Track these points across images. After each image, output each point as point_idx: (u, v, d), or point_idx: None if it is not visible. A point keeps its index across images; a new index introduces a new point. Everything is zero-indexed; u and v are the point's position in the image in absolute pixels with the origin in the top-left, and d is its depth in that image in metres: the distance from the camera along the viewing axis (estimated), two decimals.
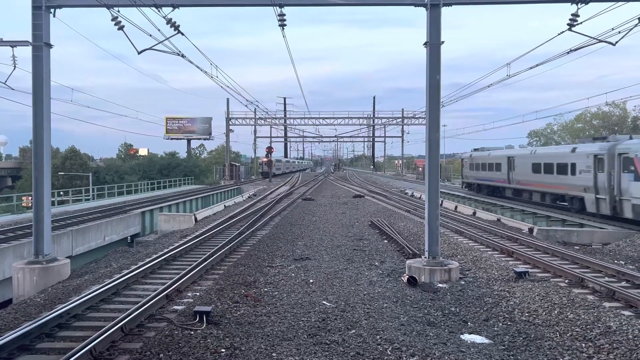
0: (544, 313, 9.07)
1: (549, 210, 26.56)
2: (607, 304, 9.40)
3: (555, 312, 9.04)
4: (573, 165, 24.75)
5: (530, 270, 12.15)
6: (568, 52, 13.67)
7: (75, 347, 6.81)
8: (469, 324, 8.83)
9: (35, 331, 7.63)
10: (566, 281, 11.26)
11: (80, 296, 9.59)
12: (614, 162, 21.39)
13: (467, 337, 8.11)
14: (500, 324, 8.78)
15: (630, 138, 22.95)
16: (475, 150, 40.97)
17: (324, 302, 9.74)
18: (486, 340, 7.97)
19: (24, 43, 13.35)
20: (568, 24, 12.04)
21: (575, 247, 17.99)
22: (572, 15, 11.91)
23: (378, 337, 7.79)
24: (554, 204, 27.71)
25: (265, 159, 73.67)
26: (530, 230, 19.90)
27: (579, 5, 11.79)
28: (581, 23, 11.97)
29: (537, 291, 10.28)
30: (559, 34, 12.69)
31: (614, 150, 21.68)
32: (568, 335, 8.03)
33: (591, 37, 12.43)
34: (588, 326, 8.23)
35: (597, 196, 22.66)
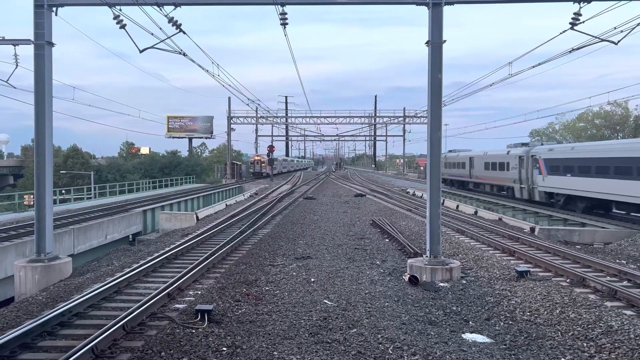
0: (546, 312, 9.06)
1: (551, 210, 26.67)
2: (608, 304, 9.39)
3: (557, 311, 9.03)
4: (508, 164, 33.49)
5: (531, 269, 12.14)
6: (570, 51, 13.64)
7: (77, 346, 6.81)
8: (470, 323, 8.83)
9: (37, 329, 7.65)
10: (568, 280, 11.25)
11: (81, 294, 9.61)
12: (529, 161, 30.32)
13: (468, 336, 8.11)
14: (502, 323, 8.78)
15: (542, 144, 33.73)
16: (450, 152, 48.72)
17: (325, 300, 9.74)
18: (487, 340, 7.97)
19: (25, 42, 13.35)
20: (570, 23, 12.01)
21: (577, 246, 17.97)
22: (575, 14, 11.88)
23: (379, 336, 7.79)
24: (498, 193, 36.64)
25: (256, 157, 71.70)
26: (532, 229, 19.88)
27: (581, 4, 11.76)
28: (583, 22, 11.95)
29: (538, 290, 10.27)
30: (561, 33, 12.67)
31: (529, 153, 30.49)
32: (569, 334, 8.02)
33: (593, 36, 12.40)
34: (590, 326, 8.22)
35: (521, 186, 31.51)
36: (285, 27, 12.87)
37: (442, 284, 11.35)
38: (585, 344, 7.62)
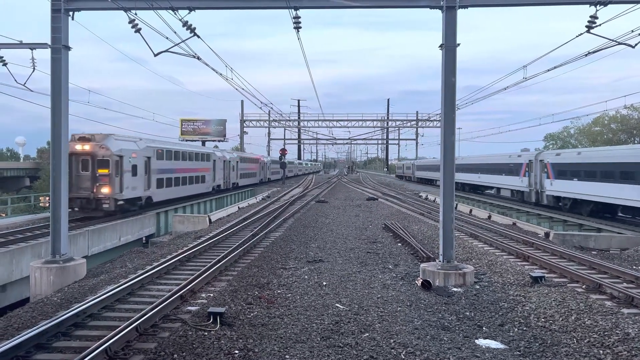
0: (561, 319, 8.94)
1: (566, 215, 26.36)
2: (625, 310, 9.24)
3: (572, 317, 8.90)
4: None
5: (546, 275, 12.00)
6: (586, 55, 13.50)
7: (91, 347, 6.88)
8: (483, 328, 8.74)
9: (52, 330, 7.73)
10: (583, 287, 11.11)
11: (95, 296, 9.69)
12: (413, 166, 75.07)
13: (482, 342, 8.03)
14: (516, 329, 8.67)
15: (417, 159, 79.72)
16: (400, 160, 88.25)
17: (337, 304, 9.72)
18: (501, 346, 7.88)
19: (43, 45, 13.56)
20: (586, 26, 11.88)
21: (593, 252, 17.72)
22: (591, 17, 11.75)
23: (392, 340, 7.74)
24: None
25: (81, 145, 28.24)
26: (547, 234, 19.66)
27: (598, 7, 11.63)
28: (600, 25, 11.81)
29: (553, 296, 10.14)
30: (577, 36, 12.53)
31: (414, 162, 76.00)
32: (585, 341, 7.90)
33: (610, 40, 12.25)
34: (606, 333, 8.09)
35: (412, 176, 75.01)
36: (298, 31, 12.90)
37: (455, 289, 11.26)
38: (601, 352, 7.50)
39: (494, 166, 38.48)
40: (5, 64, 14.30)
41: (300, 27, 12.72)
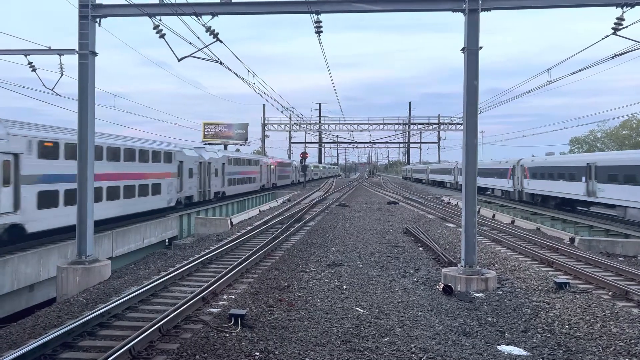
0: (586, 326, 8.77)
1: (592, 220, 25.88)
2: None
3: (598, 325, 8.73)
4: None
5: (571, 281, 11.79)
6: (613, 57, 13.25)
7: (115, 346, 7.01)
8: (506, 334, 8.63)
9: (78, 329, 7.91)
10: (610, 293, 10.88)
11: (120, 297, 9.87)
12: (410, 169, 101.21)
13: (504, 348, 7.93)
14: (539, 336, 8.54)
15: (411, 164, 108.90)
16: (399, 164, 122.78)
17: (357, 308, 9.71)
18: (524, 352, 7.77)
19: (70, 51, 13.90)
20: (613, 28, 11.68)
21: (620, 258, 17.32)
22: (617, 19, 11.54)
23: (412, 345, 7.70)
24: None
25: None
26: (572, 240, 19.30)
27: (624, 9, 11.42)
28: (626, 27, 11.59)
29: (578, 303, 9.96)
30: (603, 39, 12.30)
31: (410, 167, 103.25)
32: (611, 349, 7.74)
33: (637, 42, 12.01)
34: (632, 341, 7.92)
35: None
36: (320, 35, 12.96)
37: (477, 294, 11.14)
38: None
39: (440, 170, 63.92)
40: (34, 70, 14.71)
41: (321, 31, 12.79)
